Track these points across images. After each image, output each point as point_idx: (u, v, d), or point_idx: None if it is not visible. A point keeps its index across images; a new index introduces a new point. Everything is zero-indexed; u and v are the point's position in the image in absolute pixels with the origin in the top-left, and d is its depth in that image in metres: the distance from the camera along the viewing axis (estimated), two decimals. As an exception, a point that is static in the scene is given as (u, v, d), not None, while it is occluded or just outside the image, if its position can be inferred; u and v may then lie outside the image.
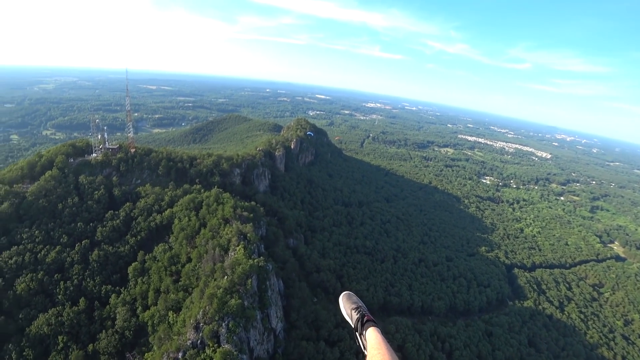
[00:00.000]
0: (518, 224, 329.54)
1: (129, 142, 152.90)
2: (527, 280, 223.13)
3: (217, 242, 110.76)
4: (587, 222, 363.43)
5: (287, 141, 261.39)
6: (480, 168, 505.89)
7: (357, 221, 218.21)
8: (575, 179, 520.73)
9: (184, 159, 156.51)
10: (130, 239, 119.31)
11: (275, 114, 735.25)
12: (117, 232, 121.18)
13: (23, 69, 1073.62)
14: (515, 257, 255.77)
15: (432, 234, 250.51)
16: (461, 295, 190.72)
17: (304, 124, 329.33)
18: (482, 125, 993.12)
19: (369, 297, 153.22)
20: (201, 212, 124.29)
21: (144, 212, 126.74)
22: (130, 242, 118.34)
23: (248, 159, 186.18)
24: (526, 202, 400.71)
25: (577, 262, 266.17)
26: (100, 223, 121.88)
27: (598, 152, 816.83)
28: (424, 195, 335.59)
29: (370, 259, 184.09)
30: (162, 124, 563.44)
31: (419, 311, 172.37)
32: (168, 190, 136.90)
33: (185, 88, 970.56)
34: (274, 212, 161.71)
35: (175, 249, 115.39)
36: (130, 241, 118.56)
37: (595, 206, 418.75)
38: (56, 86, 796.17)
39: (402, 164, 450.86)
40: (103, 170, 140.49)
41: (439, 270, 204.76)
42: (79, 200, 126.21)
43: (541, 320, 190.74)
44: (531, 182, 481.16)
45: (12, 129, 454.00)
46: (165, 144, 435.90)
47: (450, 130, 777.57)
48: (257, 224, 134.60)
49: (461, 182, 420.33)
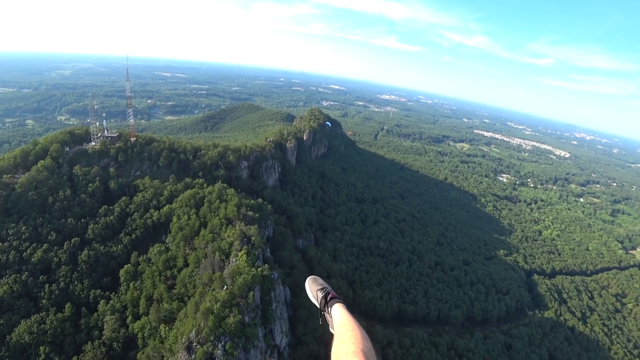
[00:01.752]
0: (536, 226, 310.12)
1: (130, 130, 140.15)
2: (547, 288, 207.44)
3: (218, 245, 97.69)
4: (608, 226, 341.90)
5: (299, 132, 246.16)
6: (497, 165, 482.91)
7: (370, 219, 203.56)
8: (595, 180, 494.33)
9: (188, 149, 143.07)
10: (124, 237, 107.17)
11: (288, 103, 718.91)
12: (110, 229, 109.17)
13: (43, 56, 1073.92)
14: (534, 262, 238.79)
15: (448, 235, 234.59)
16: (479, 303, 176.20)
17: (317, 114, 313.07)
18: (499, 120, 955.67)
19: (383, 305, 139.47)
20: (202, 210, 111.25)
21: (141, 207, 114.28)
22: (124, 241, 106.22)
23: (257, 151, 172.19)
24: (544, 202, 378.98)
25: (599, 269, 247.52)
26: (92, 219, 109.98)
27: (619, 153, 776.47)
28: (440, 192, 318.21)
29: (384, 262, 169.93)
30: (175, 111, 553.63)
31: (435, 321, 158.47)
32: (168, 184, 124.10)
33: (199, 76, 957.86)
34: (283, 209, 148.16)
35: (172, 250, 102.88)
36: (124, 240, 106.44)
37: (616, 209, 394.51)
38: (73, 72, 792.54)
39: (417, 158, 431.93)
40: (100, 161, 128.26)
41: (456, 275, 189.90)
42: (72, 193, 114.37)
43: (563, 333, 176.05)
44: (549, 181, 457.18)
45: (28, 114, 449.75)
46: (176, 131, 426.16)
47: (466, 125, 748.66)
48: (264, 224, 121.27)
49: (477, 180, 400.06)
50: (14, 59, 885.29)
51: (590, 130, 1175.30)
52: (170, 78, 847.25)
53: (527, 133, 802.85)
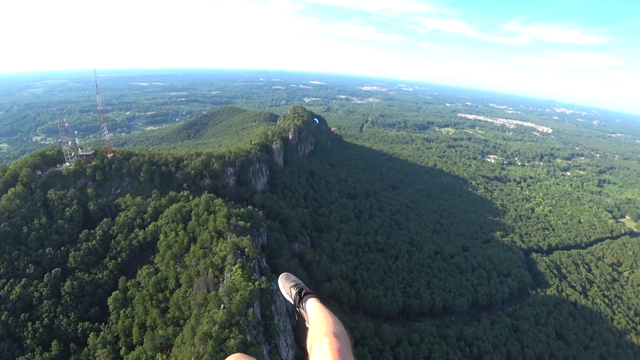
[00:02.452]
0: (528, 204, 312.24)
1: (105, 146, 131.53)
2: (546, 265, 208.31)
3: (210, 260, 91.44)
4: (596, 197, 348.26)
5: (284, 132, 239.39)
6: (484, 147, 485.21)
7: (365, 214, 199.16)
8: (579, 152, 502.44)
9: (169, 161, 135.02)
10: (110, 262, 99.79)
11: (270, 103, 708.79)
12: (93, 255, 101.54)
13: (12, 76, 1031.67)
14: (530, 240, 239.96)
15: (444, 222, 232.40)
16: (482, 288, 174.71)
17: (300, 111, 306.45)
18: (481, 102, 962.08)
19: (388, 303, 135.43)
20: (190, 225, 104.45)
21: (124, 228, 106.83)
22: (110, 266, 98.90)
23: (242, 156, 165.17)
24: (533, 179, 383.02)
25: (593, 240, 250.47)
26: (73, 246, 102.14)
27: (599, 124, 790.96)
28: (430, 179, 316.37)
29: (383, 257, 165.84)
30: (155, 120, 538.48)
31: (441, 312, 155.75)
32: (151, 199, 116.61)
33: (177, 83, 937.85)
34: (275, 214, 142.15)
35: (161, 271, 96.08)
36: (110, 265, 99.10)
37: (602, 180, 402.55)
38: (45, 90, 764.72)
39: (404, 147, 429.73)
40: (76, 182, 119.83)
41: (457, 262, 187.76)
42: (48, 220, 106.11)
43: (566, 309, 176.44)
44: (536, 158, 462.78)
45: (2, 137, 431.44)
46: (158, 141, 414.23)
47: (449, 110, 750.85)
48: (256, 232, 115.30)
49: (466, 163, 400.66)
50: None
51: (570, 105, 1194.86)
52: (148, 87, 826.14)
53: (509, 112, 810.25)
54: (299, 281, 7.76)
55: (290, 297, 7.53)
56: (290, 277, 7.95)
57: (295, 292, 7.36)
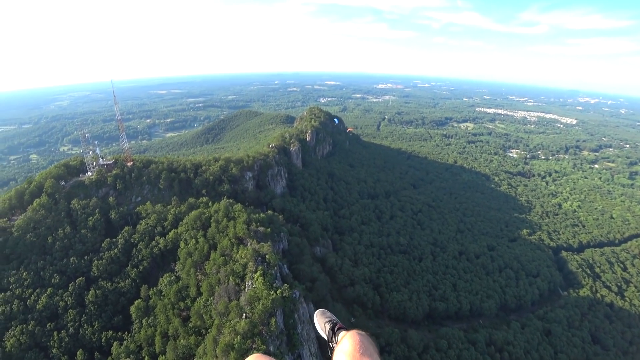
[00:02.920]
0: (555, 199, 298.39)
1: (125, 154, 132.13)
2: (578, 264, 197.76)
3: (231, 268, 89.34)
4: (629, 190, 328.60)
5: (301, 133, 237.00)
6: (505, 141, 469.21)
7: (386, 215, 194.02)
8: (607, 143, 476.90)
9: (188, 167, 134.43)
10: (131, 270, 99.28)
11: (286, 105, 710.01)
12: (115, 263, 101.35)
13: (39, 91, 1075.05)
14: (559, 237, 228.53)
15: (467, 220, 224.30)
16: (510, 289, 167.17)
17: (317, 112, 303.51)
18: (500, 95, 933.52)
19: (413, 307, 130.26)
20: (210, 231, 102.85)
21: (145, 236, 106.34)
22: (132, 275, 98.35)
23: (260, 159, 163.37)
24: (559, 173, 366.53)
25: (627, 237, 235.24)
26: (96, 255, 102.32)
27: (627, 113, 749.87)
28: (451, 177, 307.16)
29: (406, 259, 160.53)
30: (175, 127, 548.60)
31: (468, 315, 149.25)
32: (171, 207, 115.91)
33: (194, 89, 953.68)
34: (296, 217, 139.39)
35: (182, 279, 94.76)
36: (132, 273, 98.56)
37: (633, 172, 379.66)
38: (70, 102, 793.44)
39: (423, 144, 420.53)
40: (98, 191, 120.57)
41: (483, 262, 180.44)
42: (72, 230, 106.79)
43: (602, 311, 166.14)
44: (560, 151, 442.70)
45: (31, 149, 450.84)
46: (178, 147, 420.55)
47: (467, 104, 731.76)
48: (277, 237, 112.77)
49: (487, 158, 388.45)
50: (12, 98, 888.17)
51: (594, 94, 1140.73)
52: (166, 95, 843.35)
53: (529, 104, 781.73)
54: (334, 317, 7.72)
55: (324, 332, 7.45)
56: (326, 313, 7.95)
57: (329, 327, 7.29)
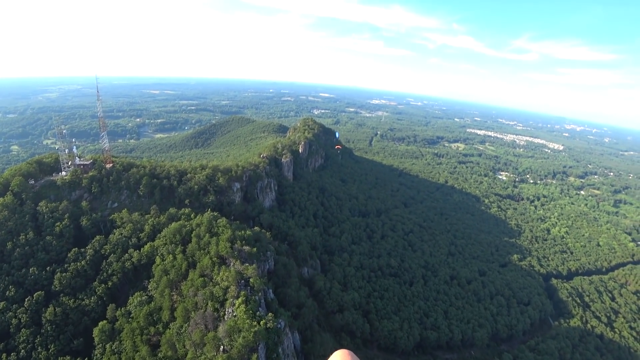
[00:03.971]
0: (543, 224, 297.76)
1: (105, 155, 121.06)
2: (568, 293, 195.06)
3: (210, 291, 79.41)
4: (614, 218, 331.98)
5: (294, 144, 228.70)
6: (494, 163, 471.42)
7: (377, 234, 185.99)
8: (592, 170, 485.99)
9: (171, 174, 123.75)
10: (99, 286, 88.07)
11: (279, 114, 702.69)
12: (81, 277, 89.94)
13: (29, 81, 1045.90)
14: (549, 264, 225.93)
15: (458, 243, 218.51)
16: (502, 318, 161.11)
17: (311, 124, 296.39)
18: (490, 118, 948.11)
19: (404, 337, 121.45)
20: (190, 247, 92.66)
21: (118, 247, 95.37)
22: (98, 291, 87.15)
23: (250, 170, 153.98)
24: (547, 198, 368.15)
25: (614, 265, 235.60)
26: (60, 266, 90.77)
27: (610, 142, 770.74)
28: (442, 197, 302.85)
29: (397, 283, 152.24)
30: (165, 128, 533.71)
31: (459, 345, 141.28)
32: (149, 216, 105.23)
33: (188, 91, 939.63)
34: (284, 234, 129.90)
35: (155, 300, 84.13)
36: (99, 290, 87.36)
37: (618, 200, 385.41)
38: (60, 95, 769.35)
39: (415, 162, 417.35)
40: (71, 194, 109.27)
41: (474, 288, 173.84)
42: (35, 235, 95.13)
43: (592, 343, 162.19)
44: (548, 176, 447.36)
45: (13, 139, 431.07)
46: (166, 149, 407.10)
47: (459, 125, 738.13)
48: (263, 256, 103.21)
49: (477, 180, 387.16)
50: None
51: (580, 122, 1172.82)
52: (159, 95, 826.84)
53: (518, 128, 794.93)
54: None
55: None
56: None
57: None
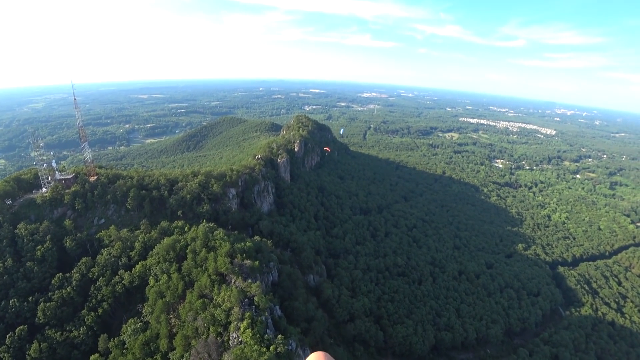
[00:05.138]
0: (544, 210, 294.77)
1: (88, 167, 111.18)
2: (576, 281, 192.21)
3: (211, 314, 71.23)
4: (611, 200, 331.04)
5: (289, 143, 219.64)
6: (490, 151, 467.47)
7: (381, 232, 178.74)
8: (586, 154, 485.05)
9: (161, 183, 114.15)
10: (88, 315, 79.23)
11: (270, 112, 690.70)
12: (68, 305, 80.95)
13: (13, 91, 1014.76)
14: (554, 251, 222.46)
15: (462, 235, 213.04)
16: (514, 312, 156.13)
17: (305, 121, 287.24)
18: (481, 106, 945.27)
19: (419, 341, 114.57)
20: (185, 265, 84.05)
21: (107, 269, 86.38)
22: (88, 321, 78.34)
23: (245, 173, 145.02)
24: (544, 184, 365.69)
25: (617, 249, 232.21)
26: (43, 295, 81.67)
27: (601, 124, 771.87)
28: (441, 188, 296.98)
29: (406, 282, 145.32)
30: (155, 133, 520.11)
31: (474, 343, 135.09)
32: (140, 232, 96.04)
33: (177, 94, 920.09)
34: (286, 241, 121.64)
35: (151, 326, 75.62)
36: (88, 319, 78.54)
37: (613, 182, 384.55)
38: (46, 104, 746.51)
39: (410, 154, 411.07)
40: (53, 212, 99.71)
41: (483, 282, 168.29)
42: (14, 262, 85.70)
43: (605, 330, 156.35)
44: (543, 161, 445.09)
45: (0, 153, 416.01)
46: (157, 154, 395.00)
47: (451, 114, 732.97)
48: (266, 267, 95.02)
49: (474, 169, 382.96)
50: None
51: (570, 106, 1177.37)
52: (148, 100, 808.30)
53: (510, 115, 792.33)
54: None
55: None
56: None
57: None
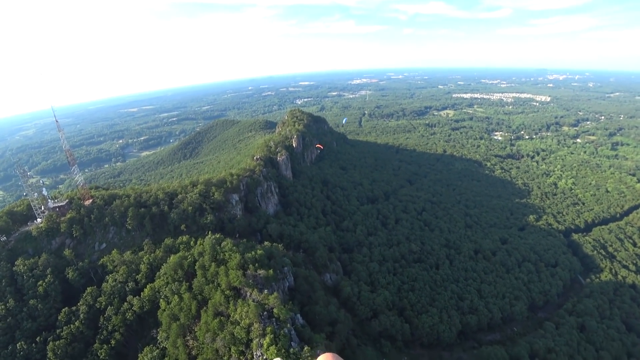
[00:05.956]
0: (549, 179, 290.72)
1: (81, 191, 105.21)
2: (592, 247, 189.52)
3: (230, 333, 66.33)
4: (615, 161, 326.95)
5: (286, 140, 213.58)
6: (487, 125, 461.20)
7: (391, 220, 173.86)
8: (583, 117, 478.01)
9: (160, 198, 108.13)
10: (101, 348, 74.23)
11: (262, 110, 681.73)
12: (79, 341, 75.92)
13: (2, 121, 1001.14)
14: (565, 219, 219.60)
15: (472, 213, 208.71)
16: (534, 285, 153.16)
17: (299, 115, 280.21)
18: (473, 80, 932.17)
19: (446, 329, 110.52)
20: (196, 282, 78.85)
21: (114, 297, 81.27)
22: (102, 355, 73.27)
23: (246, 176, 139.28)
24: (546, 152, 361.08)
25: (627, 210, 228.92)
26: (52, 332, 76.60)
27: (595, 86, 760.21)
28: (444, 167, 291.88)
29: (424, 268, 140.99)
30: (150, 145, 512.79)
31: (500, 323, 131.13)
32: (144, 253, 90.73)
33: (167, 103, 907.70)
34: (297, 242, 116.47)
35: (169, 353, 70.79)
36: (101, 353, 73.49)
37: (615, 142, 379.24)
38: (36, 130, 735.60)
39: (408, 136, 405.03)
40: (51, 242, 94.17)
41: (500, 259, 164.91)
42: (17, 302, 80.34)
43: (627, 294, 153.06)
44: (542, 129, 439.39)
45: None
46: (155, 166, 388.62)
47: (444, 92, 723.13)
48: (281, 274, 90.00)
49: (474, 144, 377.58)
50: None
51: (561, 70, 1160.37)
52: (138, 113, 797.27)
53: (503, 86, 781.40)
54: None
55: None
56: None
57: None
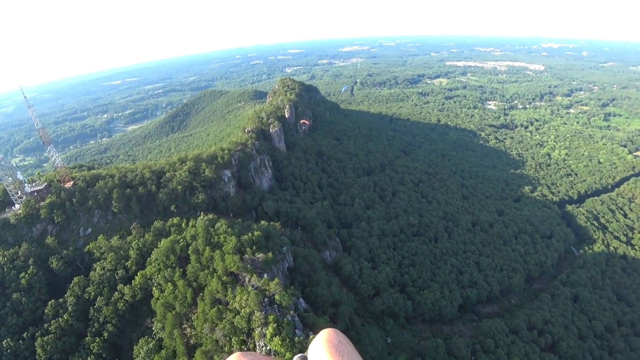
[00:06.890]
0: (543, 149, 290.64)
1: (61, 172, 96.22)
2: (585, 218, 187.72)
3: (230, 323, 61.75)
4: (607, 132, 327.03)
5: (278, 110, 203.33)
6: (481, 93, 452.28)
7: (388, 192, 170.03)
8: (577, 87, 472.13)
9: (147, 177, 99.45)
10: (93, 341, 69.06)
11: (251, 79, 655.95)
12: (69, 335, 70.42)
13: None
14: (559, 190, 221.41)
15: (468, 184, 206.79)
16: (531, 257, 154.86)
17: (291, 84, 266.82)
18: (466, 48, 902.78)
19: (448, 304, 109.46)
20: (190, 269, 73.19)
21: (104, 286, 75.39)
22: (95, 348, 68.28)
23: (238, 151, 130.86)
24: (539, 122, 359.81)
25: (619, 181, 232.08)
26: (39, 327, 70.99)
27: (589, 55, 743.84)
28: (439, 137, 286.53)
29: (423, 242, 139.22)
30: (136, 119, 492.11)
31: (498, 295, 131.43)
32: (132, 237, 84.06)
33: (151, 75, 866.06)
34: (294, 219, 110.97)
35: (166, 344, 66.29)
36: (94, 346, 68.46)
37: (607, 113, 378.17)
38: (16, 107, 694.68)
39: (401, 104, 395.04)
40: (32, 230, 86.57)
41: (497, 231, 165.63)
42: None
43: (618, 264, 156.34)
44: (536, 99, 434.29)
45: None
46: (142, 141, 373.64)
47: (436, 59, 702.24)
48: (280, 254, 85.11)
49: (468, 113, 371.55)
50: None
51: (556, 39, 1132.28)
52: (121, 85, 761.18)
53: (497, 54, 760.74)
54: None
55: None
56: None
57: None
